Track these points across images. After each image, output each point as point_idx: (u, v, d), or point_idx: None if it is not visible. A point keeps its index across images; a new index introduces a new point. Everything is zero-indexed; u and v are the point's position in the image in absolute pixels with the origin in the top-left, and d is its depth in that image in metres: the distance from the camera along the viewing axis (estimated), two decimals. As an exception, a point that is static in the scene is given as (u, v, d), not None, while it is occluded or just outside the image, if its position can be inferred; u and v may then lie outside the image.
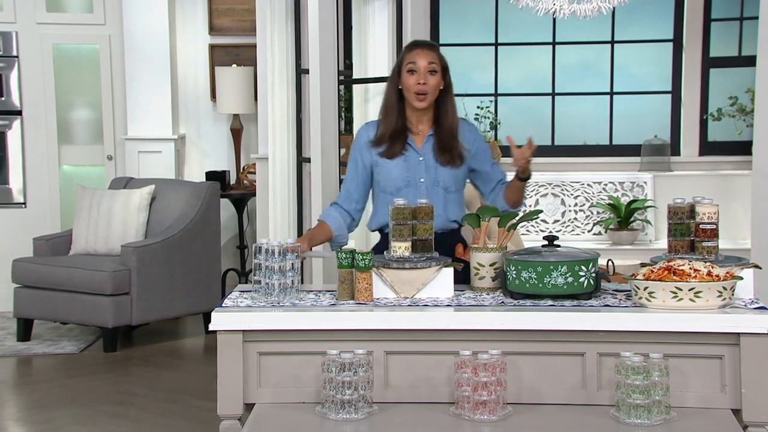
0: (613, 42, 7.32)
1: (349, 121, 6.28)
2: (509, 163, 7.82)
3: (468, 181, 3.60)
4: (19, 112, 7.02)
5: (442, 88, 3.48)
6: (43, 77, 7.01)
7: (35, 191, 7.07)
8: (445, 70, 3.49)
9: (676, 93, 7.28)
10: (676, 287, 2.88)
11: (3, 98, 6.98)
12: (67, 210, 7.04)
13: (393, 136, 3.45)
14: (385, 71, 4.66)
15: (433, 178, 3.47)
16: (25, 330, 6.18)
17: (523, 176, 3.41)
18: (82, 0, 7.12)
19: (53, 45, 7.02)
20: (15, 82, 6.98)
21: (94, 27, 7.04)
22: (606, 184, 7.16)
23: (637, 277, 2.95)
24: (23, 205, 7.07)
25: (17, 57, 6.96)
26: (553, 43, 7.37)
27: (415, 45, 3.51)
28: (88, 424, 4.73)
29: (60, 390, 5.25)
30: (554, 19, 7.10)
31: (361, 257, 3.03)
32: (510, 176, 3.49)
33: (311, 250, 3.44)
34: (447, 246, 3.33)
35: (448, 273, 3.11)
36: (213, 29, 7.19)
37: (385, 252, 3.18)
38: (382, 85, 4.71)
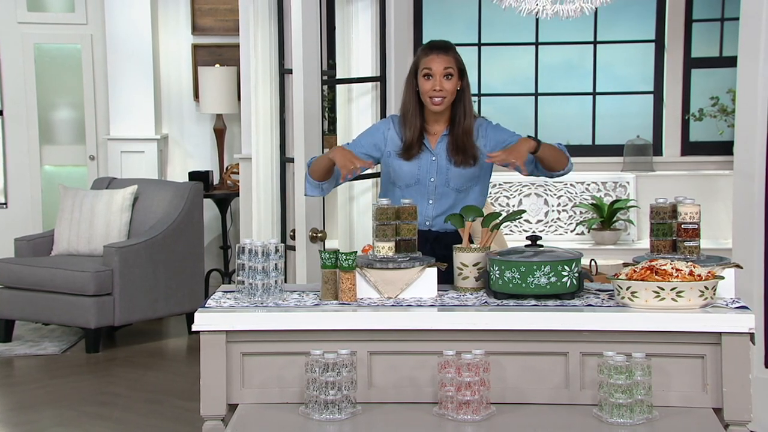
0: (595, 42, 7.34)
1: (332, 122, 6.28)
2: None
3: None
4: (0, 112, 6.97)
5: (459, 89, 3.47)
6: (25, 77, 6.98)
7: (17, 191, 7.03)
8: (462, 71, 3.47)
9: (658, 93, 7.31)
10: (658, 287, 2.89)
11: (-16, 98, 6.95)
12: (49, 210, 7.01)
13: (417, 140, 3.48)
14: (369, 71, 4.67)
15: (444, 179, 3.48)
16: (6, 331, 6.14)
17: (533, 152, 3.35)
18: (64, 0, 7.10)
19: (34, 45, 6.99)
20: (-4, 82, 6.94)
21: (76, 27, 7.02)
22: (589, 184, 7.19)
23: (620, 277, 2.96)
24: (4, 206, 7.04)
25: (-2, 56, 6.93)
26: (536, 44, 7.39)
27: (431, 49, 3.46)
28: (71, 425, 4.70)
29: (42, 391, 5.23)
30: (537, 20, 7.12)
31: (344, 257, 3.04)
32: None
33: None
34: (447, 246, 3.33)
35: (431, 273, 3.12)
36: (196, 29, 7.17)
37: (370, 252, 3.19)
38: (366, 85, 4.71)
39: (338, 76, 4.87)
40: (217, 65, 6.98)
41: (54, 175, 7.14)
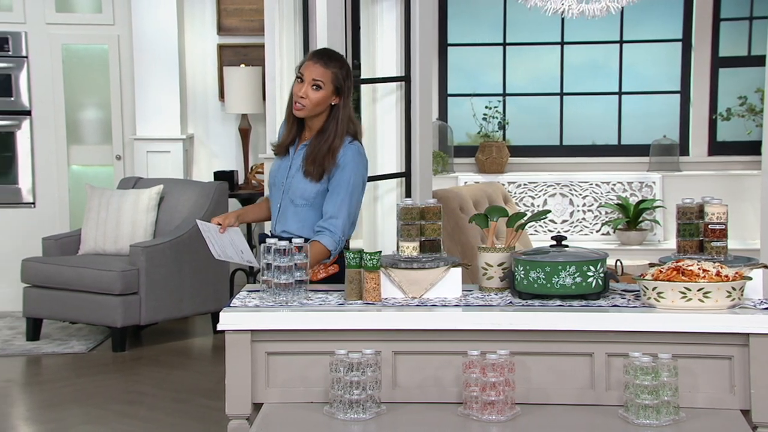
0: (621, 42, 7.31)
1: (357, 121, 6.29)
2: (518, 163, 7.80)
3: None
4: (28, 112, 7.03)
5: (333, 104, 3.42)
6: (53, 77, 7.03)
7: (44, 191, 7.09)
8: (338, 89, 3.40)
9: (685, 93, 7.26)
10: (685, 287, 2.87)
11: (12, 98, 7.00)
12: (76, 210, 7.06)
13: (285, 142, 3.49)
14: (393, 71, 4.66)
15: (288, 187, 3.47)
16: (34, 329, 6.19)
17: None
18: (92, 0, 7.14)
19: (62, 45, 7.04)
20: (24, 83, 6.99)
21: (104, 27, 7.06)
22: (614, 184, 7.15)
23: (646, 278, 2.94)
24: (32, 205, 7.09)
25: (26, 57, 6.98)
26: (562, 43, 7.36)
27: (314, 55, 3.45)
28: (98, 423, 4.74)
29: (69, 389, 5.27)
30: (563, 19, 7.09)
31: (369, 257, 3.04)
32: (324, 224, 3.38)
33: (237, 226, 3.44)
34: None
35: (456, 273, 3.11)
36: (221, 29, 7.20)
37: (393, 252, 3.19)
38: (391, 85, 4.71)
39: (363, 76, 4.87)
40: (243, 65, 7.01)
41: (81, 174, 7.19)
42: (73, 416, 4.86)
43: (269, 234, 3.51)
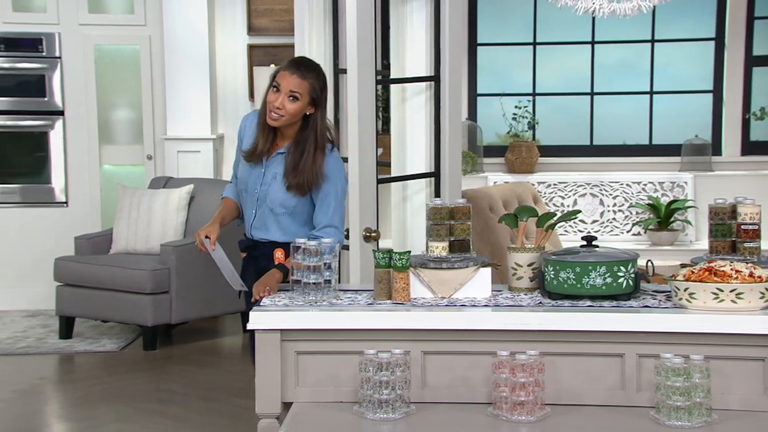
0: (653, 41, 7.25)
1: (386, 121, 6.28)
2: (548, 163, 7.78)
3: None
4: (61, 113, 7.10)
5: (308, 114, 3.38)
6: (85, 78, 7.09)
7: (77, 190, 7.15)
8: (315, 100, 3.36)
9: (717, 92, 7.20)
10: (717, 288, 2.84)
11: (46, 99, 7.07)
12: (108, 209, 7.12)
13: (260, 150, 3.42)
14: (423, 71, 4.66)
15: (264, 195, 3.42)
16: (67, 328, 6.25)
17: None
18: (124, 1, 7.19)
19: (95, 46, 7.10)
20: (57, 83, 7.06)
21: (135, 28, 7.11)
22: (645, 184, 7.10)
23: (678, 278, 2.92)
24: (65, 205, 7.15)
25: (60, 58, 7.05)
26: (593, 42, 7.32)
27: (291, 65, 3.39)
28: (129, 421, 4.77)
29: (101, 387, 5.31)
30: (593, 18, 7.05)
31: (398, 257, 3.04)
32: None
33: (217, 246, 3.42)
34: (264, 256, 3.39)
35: (485, 273, 3.10)
36: (251, 29, 7.23)
37: (422, 252, 3.19)
38: (420, 85, 4.70)
39: (392, 76, 4.87)
40: (272, 65, 7.02)
41: (113, 174, 7.25)
42: (104, 414, 4.90)
43: (248, 237, 3.49)
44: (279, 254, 3.35)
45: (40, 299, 6.95)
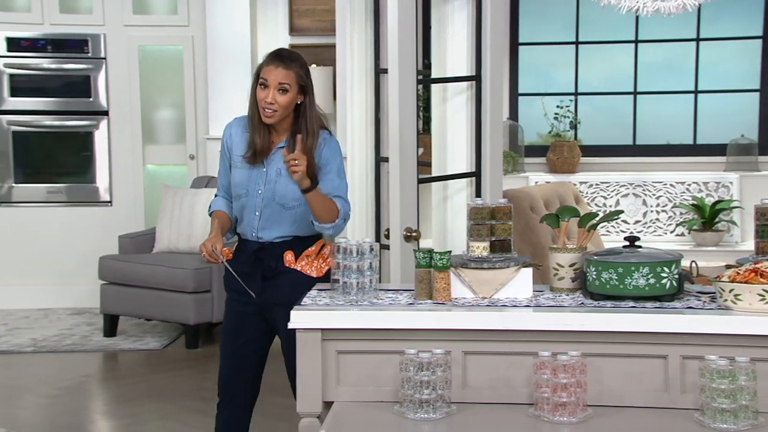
0: (698, 39, 7.17)
1: (427, 121, 6.27)
2: (590, 163, 7.70)
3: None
4: (105, 113, 7.19)
5: (299, 102, 3.35)
6: (129, 78, 7.17)
7: (121, 190, 7.24)
8: (303, 87, 3.34)
9: (764, 91, 7.10)
10: (763, 290, 2.80)
11: (91, 99, 7.17)
12: (151, 208, 7.19)
13: (261, 148, 3.37)
14: (464, 70, 4.64)
15: (271, 193, 3.35)
16: (111, 326, 6.33)
17: (302, 188, 3.22)
18: (167, 2, 7.26)
19: (139, 46, 7.18)
20: (102, 84, 7.15)
21: (178, 28, 7.18)
22: (690, 185, 7.03)
23: (722, 279, 2.88)
24: (109, 204, 7.24)
25: (105, 59, 7.14)
26: (636, 41, 7.25)
27: (273, 58, 3.34)
28: (172, 419, 4.82)
29: (144, 385, 5.37)
30: (637, 17, 6.99)
31: (439, 257, 3.03)
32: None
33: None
34: (273, 256, 3.34)
35: (527, 273, 3.09)
36: (293, 30, 7.26)
37: (463, 252, 3.18)
38: (461, 85, 4.69)
39: (433, 76, 4.86)
40: (314, 65, 7.05)
41: (156, 174, 7.33)
42: (147, 412, 4.95)
43: (253, 240, 3.40)
44: (289, 257, 3.36)
45: (85, 297, 7.04)
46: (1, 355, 5.94)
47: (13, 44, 7.07)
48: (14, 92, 7.11)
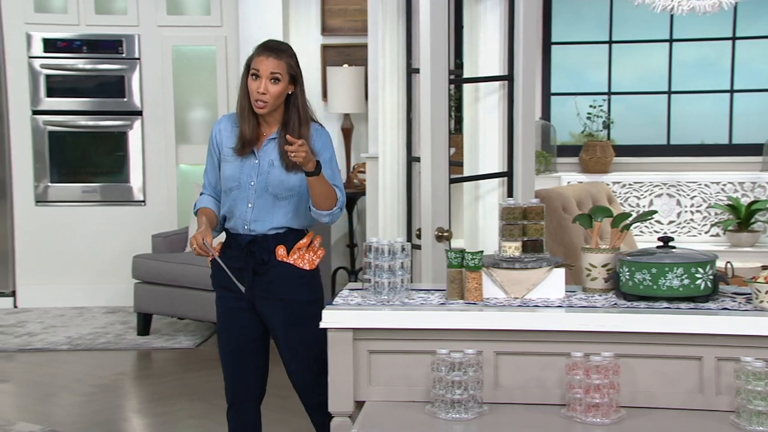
0: (734, 38, 7.09)
1: (458, 121, 6.26)
2: (623, 163, 7.65)
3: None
4: (139, 113, 7.25)
5: (290, 93, 3.36)
6: (163, 78, 7.23)
7: (154, 189, 7.29)
8: (293, 77, 3.35)
9: (801, 90, 7.01)
10: (799, 291, 2.77)
11: (125, 99, 7.23)
12: (184, 208, 7.24)
13: (250, 138, 3.37)
14: (496, 70, 4.63)
15: (264, 183, 3.35)
16: (144, 324, 6.38)
17: (307, 170, 3.22)
18: (201, 2, 7.31)
19: (173, 47, 7.23)
20: (136, 84, 7.21)
21: (212, 29, 7.22)
22: (725, 185, 6.95)
23: (758, 280, 2.85)
24: (143, 203, 7.30)
25: (139, 59, 7.19)
26: (670, 41, 7.19)
27: (263, 49, 3.36)
28: (204, 417, 4.84)
29: (177, 384, 5.40)
30: (672, 16, 6.93)
31: (471, 257, 3.02)
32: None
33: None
34: (265, 249, 3.33)
35: (559, 274, 3.07)
36: (325, 30, 7.27)
37: (495, 252, 3.17)
38: (493, 84, 4.68)
39: (465, 75, 4.85)
40: (346, 65, 7.07)
41: (189, 173, 7.37)
42: (181, 410, 4.98)
43: (244, 234, 3.39)
44: (281, 251, 3.35)
45: (119, 296, 7.10)
46: (37, 352, 6.02)
47: (50, 45, 7.15)
48: (50, 93, 7.19)
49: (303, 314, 3.36)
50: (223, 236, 3.52)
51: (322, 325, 2.99)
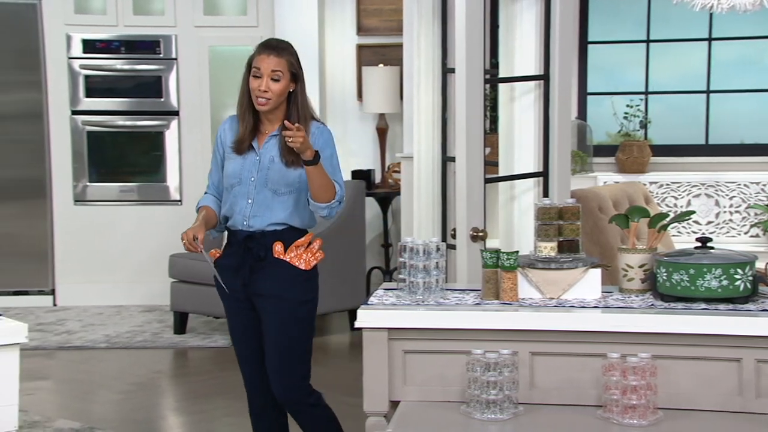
0: (774, 36, 7.01)
1: (494, 120, 6.24)
2: (660, 163, 7.58)
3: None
4: (176, 113, 7.30)
5: (291, 90, 3.38)
6: (199, 79, 7.27)
7: (191, 189, 7.34)
8: (294, 75, 3.38)
9: (843, 88, 6.91)
10: (841, 293, 2.73)
11: (162, 99, 7.29)
12: (221, 207, 7.28)
13: (247, 136, 3.41)
14: (532, 69, 4.61)
15: (264, 179, 3.36)
16: (181, 323, 6.42)
17: (305, 159, 3.22)
18: (237, 3, 7.35)
19: (209, 47, 7.27)
20: (173, 84, 7.26)
21: (248, 29, 7.25)
22: (765, 185, 6.87)
23: (799, 282, 2.81)
24: (179, 203, 7.35)
25: (176, 59, 7.25)
26: (710, 39, 7.12)
27: (264, 48, 3.40)
28: (240, 415, 4.86)
29: (213, 382, 5.44)
30: (711, 14, 6.85)
31: (506, 257, 3.01)
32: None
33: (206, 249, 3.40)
34: (262, 246, 3.33)
35: (595, 274, 3.06)
36: (361, 29, 7.28)
37: (530, 252, 3.15)
38: (529, 84, 4.66)
39: (501, 75, 4.83)
40: (381, 65, 7.07)
41: (225, 173, 7.41)
42: (216, 408, 5.01)
43: (242, 230, 3.41)
44: (278, 247, 3.36)
45: (156, 295, 7.15)
46: (76, 350, 6.08)
47: (89, 46, 7.22)
48: (89, 93, 7.26)
49: (294, 313, 3.38)
50: (224, 240, 3.55)
51: (357, 324, 3.00)
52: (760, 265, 3.02)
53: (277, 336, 3.39)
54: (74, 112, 7.26)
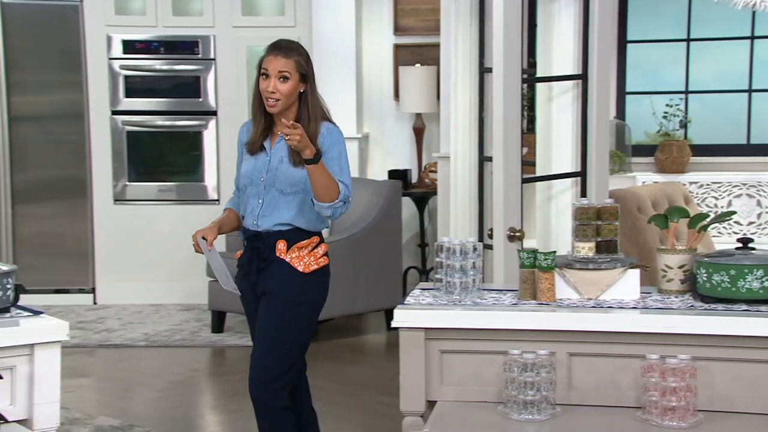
0: (818, 35, 6.91)
1: (531, 120, 6.22)
2: (700, 163, 7.50)
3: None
4: (214, 113, 7.35)
5: (302, 91, 3.37)
6: (237, 79, 7.31)
7: (228, 189, 7.37)
8: (304, 75, 3.37)
9: None
10: None
11: (200, 99, 7.34)
12: (258, 207, 7.31)
13: (258, 137, 3.42)
14: (570, 69, 4.59)
15: (272, 179, 3.38)
16: (218, 322, 6.46)
17: (306, 158, 3.21)
18: (275, 3, 7.38)
19: (247, 47, 7.31)
20: (211, 84, 7.31)
21: (286, 29, 7.27)
22: (807, 185, 6.78)
23: (842, 283, 2.77)
24: (217, 202, 7.40)
25: (214, 60, 7.30)
26: (752, 38, 7.03)
27: (272, 48, 3.40)
28: (276, 413, 4.89)
29: (250, 380, 5.46)
30: (753, 12, 6.77)
31: (543, 257, 3.00)
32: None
33: (214, 246, 3.42)
34: (267, 246, 3.36)
35: (634, 274, 3.03)
36: (398, 29, 7.29)
37: (568, 252, 3.13)
38: (567, 84, 4.63)
39: (538, 75, 4.81)
40: (418, 65, 7.07)
41: (262, 173, 7.45)
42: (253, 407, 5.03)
43: (251, 229, 3.44)
44: (281, 245, 3.37)
45: (194, 293, 7.20)
46: (115, 348, 6.15)
47: (129, 47, 7.29)
48: (129, 93, 7.33)
49: (284, 313, 3.40)
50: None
51: (393, 324, 3.00)
52: (802, 266, 2.97)
53: (261, 332, 3.43)
54: (114, 112, 7.34)
